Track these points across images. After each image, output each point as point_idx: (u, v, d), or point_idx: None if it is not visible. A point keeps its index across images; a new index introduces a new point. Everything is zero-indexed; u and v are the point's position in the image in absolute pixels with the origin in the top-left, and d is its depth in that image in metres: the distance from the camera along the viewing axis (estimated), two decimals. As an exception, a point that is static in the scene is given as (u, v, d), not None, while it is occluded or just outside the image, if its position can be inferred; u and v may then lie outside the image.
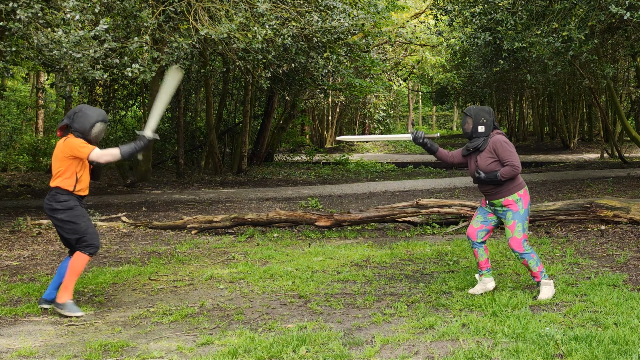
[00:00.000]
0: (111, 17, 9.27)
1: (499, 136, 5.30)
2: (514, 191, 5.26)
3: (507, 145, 5.24)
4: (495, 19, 11.70)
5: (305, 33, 11.68)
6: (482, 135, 5.30)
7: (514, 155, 5.22)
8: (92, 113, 5.23)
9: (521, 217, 5.25)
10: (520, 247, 5.25)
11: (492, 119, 5.32)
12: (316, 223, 8.85)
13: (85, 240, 5.18)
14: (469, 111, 5.35)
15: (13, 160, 21.46)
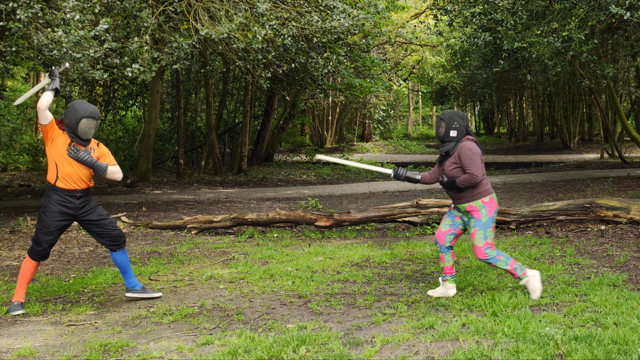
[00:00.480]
0: (111, 17, 9.27)
1: (467, 142, 5.28)
2: (477, 197, 5.23)
3: (470, 152, 5.20)
4: (495, 19, 11.70)
5: (305, 33, 11.69)
6: (454, 140, 5.29)
7: (476, 163, 5.18)
8: (80, 108, 5.21)
9: (483, 224, 5.21)
10: (482, 254, 5.23)
11: (466, 124, 5.32)
12: (316, 223, 8.85)
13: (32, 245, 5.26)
14: (443, 115, 5.37)
15: (13, 160, 21.46)
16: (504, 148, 32.48)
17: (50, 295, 5.79)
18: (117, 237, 5.43)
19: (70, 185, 5.23)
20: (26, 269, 5.28)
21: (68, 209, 5.24)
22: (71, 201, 5.24)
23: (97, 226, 5.38)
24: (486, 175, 5.34)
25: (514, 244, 7.54)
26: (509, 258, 5.27)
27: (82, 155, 5.21)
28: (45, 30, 8.30)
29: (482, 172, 5.21)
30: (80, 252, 7.82)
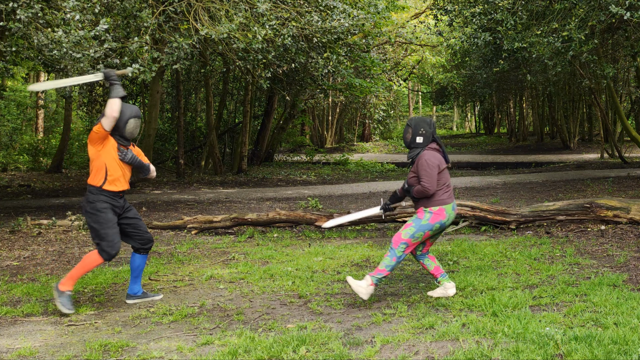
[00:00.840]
0: (111, 17, 9.27)
1: (427, 152, 5.26)
2: (427, 205, 5.24)
3: (426, 164, 5.19)
4: (495, 19, 11.69)
5: (305, 33, 11.68)
6: (420, 147, 5.29)
7: (429, 175, 5.16)
8: (125, 110, 5.21)
9: (420, 225, 5.21)
10: (396, 242, 5.22)
11: (432, 130, 5.31)
12: (316, 223, 8.85)
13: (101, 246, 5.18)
14: (410, 121, 5.38)
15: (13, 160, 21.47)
16: (504, 148, 32.48)
17: (50, 295, 5.79)
18: (148, 240, 5.49)
19: (117, 187, 5.26)
20: (90, 262, 5.21)
21: (115, 208, 5.28)
22: (117, 201, 5.29)
23: (132, 227, 5.40)
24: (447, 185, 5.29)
25: (514, 244, 7.54)
26: (392, 269, 5.23)
27: (131, 156, 5.27)
28: (45, 30, 8.30)
29: (434, 185, 5.17)
30: (80, 252, 7.82)
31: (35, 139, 23.36)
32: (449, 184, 5.35)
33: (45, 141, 23.64)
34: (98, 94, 20.77)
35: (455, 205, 5.39)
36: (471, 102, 42.88)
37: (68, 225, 9.29)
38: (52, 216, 9.99)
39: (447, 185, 5.30)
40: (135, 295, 5.54)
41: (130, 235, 5.43)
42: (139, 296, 5.55)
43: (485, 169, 22.18)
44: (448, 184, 5.33)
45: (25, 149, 22.55)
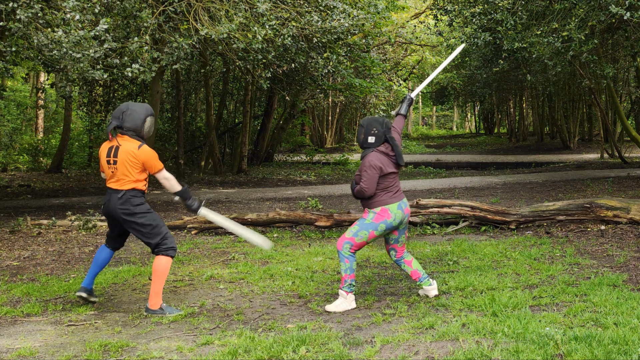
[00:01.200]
0: (111, 17, 9.27)
1: (372, 154, 5.21)
2: (372, 207, 5.23)
3: (367, 165, 5.16)
4: (495, 19, 11.69)
5: (305, 33, 11.68)
6: (372, 147, 5.25)
7: (368, 177, 5.13)
8: (141, 109, 5.18)
9: (363, 224, 5.20)
10: (340, 244, 5.20)
11: (385, 130, 5.25)
12: (316, 223, 8.85)
13: (166, 243, 5.16)
14: (363, 121, 5.34)
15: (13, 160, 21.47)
16: (504, 148, 32.48)
17: (50, 295, 5.79)
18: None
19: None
20: (166, 268, 5.15)
21: None
22: None
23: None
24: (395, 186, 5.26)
25: (514, 244, 7.54)
26: (353, 271, 5.20)
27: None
28: (45, 30, 8.30)
29: (372, 187, 5.14)
30: (80, 252, 7.82)
31: (35, 139, 23.36)
32: (396, 186, 5.28)
33: (45, 141, 23.64)
34: (98, 94, 20.78)
35: (404, 204, 5.30)
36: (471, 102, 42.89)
37: (68, 225, 9.29)
38: (52, 216, 9.99)
39: (392, 187, 5.24)
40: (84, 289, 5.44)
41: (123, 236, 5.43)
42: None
43: (485, 169, 22.18)
44: (395, 186, 5.26)
45: (25, 149, 22.55)
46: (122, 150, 5.11)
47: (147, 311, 5.09)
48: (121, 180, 5.13)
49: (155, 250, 5.16)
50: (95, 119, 22.22)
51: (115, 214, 5.14)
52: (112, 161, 5.14)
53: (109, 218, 5.27)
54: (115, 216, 5.16)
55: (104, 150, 5.20)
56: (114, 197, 5.13)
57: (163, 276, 5.12)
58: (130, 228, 5.18)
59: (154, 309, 5.07)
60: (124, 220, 5.13)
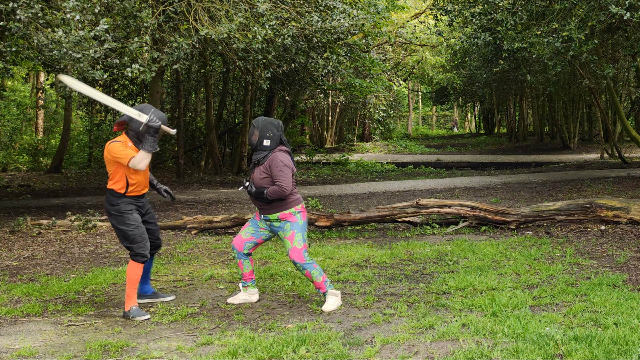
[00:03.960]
0: (111, 17, 9.27)
1: (279, 153, 5.20)
2: (291, 206, 5.20)
3: (281, 164, 5.13)
4: (495, 19, 11.69)
5: (305, 33, 11.68)
6: (266, 150, 5.21)
7: (285, 175, 5.11)
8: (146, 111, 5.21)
9: (300, 227, 5.19)
10: (300, 257, 5.15)
11: (280, 134, 5.24)
12: (316, 223, 8.85)
13: (134, 249, 5.15)
14: (257, 122, 5.26)
15: (13, 160, 21.47)
16: (504, 148, 32.49)
17: (50, 295, 5.79)
18: (157, 246, 5.51)
19: (140, 191, 5.27)
20: (135, 274, 5.14)
21: (139, 209, 5.30)
22: (140, 201, 5.32)
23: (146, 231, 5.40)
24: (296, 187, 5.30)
25: (514, 244, 7.54)
26: (322, 271, 5.21)
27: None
28: (45, 30, 8.30)
29: (290, 185, 5.14)
30: (80, 252, 7.82)
31: (35, 139, 23.36)
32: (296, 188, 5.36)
33: (45, 141, 23.64)
34: (98, 94, 20.74)
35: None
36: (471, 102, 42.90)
37: (68, 225, 9.29)
38: (52, 216, 9.99)
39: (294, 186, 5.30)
40: (145, 295, 5.53)
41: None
42: (148, 295, 5.54)
43: (485, 169, 22.18)
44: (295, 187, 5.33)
45: (25, 149, 22.55)
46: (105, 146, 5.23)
47: (124, 314, 5.12)
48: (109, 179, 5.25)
49: (129, 254, 5.23)
50: (95, 119, 22.23)
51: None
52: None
53: None
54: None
55: None
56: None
57: (132, 281, 5.14)
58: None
59: (126, 311, 5.11)
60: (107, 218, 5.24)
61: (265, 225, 5.34)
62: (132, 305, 5.11)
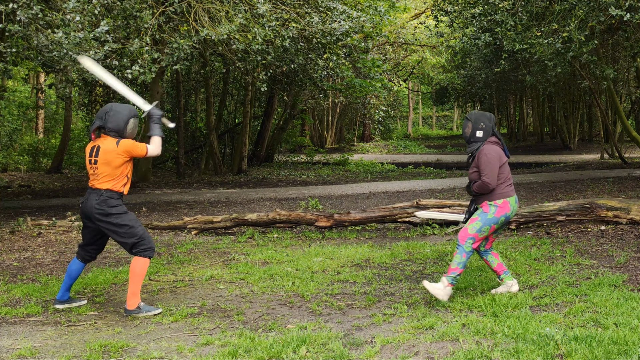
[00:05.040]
0: (111, 17, 9.27)
1: (487, 146, 5.25)
2: (491, 199, 5.23)
3: (486, 158, 5.18)
4: (495, 20, 11.69)
5: (305, 34, 11.67)
6: (480, 141, 5.28)
7: (491, 170, 5.15)
8: (124, 110, 5.18)
9: (486, 219, 5.20)
10: (462, 239, 5.19)
11: (492, 125, 5.30)
12: (316, 223, 8.85)
13: (144, 244, 5.15)
14: (470, 115, 5.36)
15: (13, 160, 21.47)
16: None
17: (51, 295, 5.79)
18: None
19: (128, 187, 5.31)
20: (143, 269, 5.14)
21: None
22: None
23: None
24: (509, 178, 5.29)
25: (514, 244, 7.55)
26: (465, 265, 5.20)
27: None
28: (45, 31, 8.30)
29: (495, 179, 5.17)
30: (81, 253, 7.81)
31: (36, 140, 23.37)
32: (510, 177, 5.34)
33: (45, 142, 23.65)
34: (98, 94, 20.78)
35: (517, 199, 5.38)
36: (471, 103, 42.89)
37: (68, 225, 9.30)
38: (52, 216, 9.99)
39: (508, 179, 5.30)
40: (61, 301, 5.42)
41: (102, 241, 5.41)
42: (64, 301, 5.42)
43: (485, 170, 22.13)
44: (509, 177, 5.32)
45: (25, 149, 22.56)
46: (102, 150, 5.12)
47: (126, 312, 5.10)
48: (101, 180, 5.14)
49: (133, 251, 5.17)
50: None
51: (90, 214, 5.14)
52: (93, 161, 5.15)
53: (84, 218, 5.25)
54: (91, 216, 5.16)
55: (87, 150, 5.25)
56: (92, 197, 5.15)
57: (140, 277, 5.12)
58: (105, 229, 5.17)
59: (131, 309, 5.08)
60: (98, 220, 5.13)
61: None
62: (140, 301, 5.11)
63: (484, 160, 5.19)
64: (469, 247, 5.19)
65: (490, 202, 5.22)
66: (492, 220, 5.22)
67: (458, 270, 5.16)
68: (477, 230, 5.19)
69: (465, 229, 5.21)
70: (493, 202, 5.22)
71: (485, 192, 5.21)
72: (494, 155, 5.21)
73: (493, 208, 5.22)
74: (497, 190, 5.22)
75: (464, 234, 5.19)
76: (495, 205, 5.22)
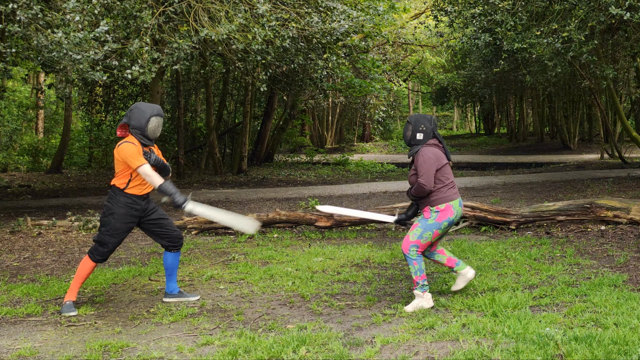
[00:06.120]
0: (111, 17, 9.27)
1: (425, 148, 5.16)
2: (433, 204, 5.15)
3: (422, 158, 5.09)
4: (495, 20, 11.69)
5: (305, 34, 11.67)
6: (420, 143, 5.20)
7: (426, 171, 5.06)
8: (147, 109, 5.22)
9: (427, 225, 5.11)
10: (406, 248, 5.12)
11: (433, 127, 5.22)
12: (316, 223, 8.85)
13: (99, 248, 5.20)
14: (411, 118, 5.29)
15: (13, 160, 21.47)
16: (504, 148, 32.49)
17: (50, 295, 5.79)
18: (177, 238, 5.49)
19: (141, 190, 5.26)
20: (84, 269, 5.21)
21: (136, 211, 5.26)
22: (139, 204, 5.27)
23: (158, 226, 5.40)
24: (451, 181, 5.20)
25: (514, 245, 7.55)
26: (423, 271, 5.13)
27: (155, 157, 5.26)
28: (45, 31, 8.30)
29: (432, 181, 5.07)
30: (81, 253, 7.82)
31: (35, 140, 23.37)
32: (453, 181, 5.24)
33: (45, 142, 23.65)
34: (98, 94, 20.79)
35: (462, 201, 5.30)
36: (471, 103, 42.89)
37: (68, 225, 9.29)
38: (52, 217, 9.99)
39: (450, 182, 5.19)
40: (171, 294, 5.55)
41: (159, 235, 5.44)
42: (174, 295, 5.55)
43: (485, 169, 22.18)
44: (451, 181, 5.21)
45: (25, 149, 22.56)
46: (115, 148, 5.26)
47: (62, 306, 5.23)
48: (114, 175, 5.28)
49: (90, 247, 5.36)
50: (95, 120, 22.23)
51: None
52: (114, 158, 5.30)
53: None
54: None
55: None
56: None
57: (81, 276, 5.22)
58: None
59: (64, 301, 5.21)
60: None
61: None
62: (69, 299, 5.19)
63: (420, 161, 5.10)
64: (414, 254, 5.10)
65: (432, 207, 5.14)
66: (434, 225, 5.12)
67: (420, 277, 5.10)
68: (419, 237, 5.10)
69: (406, 237, 5.14)
70: (435, 207, 5.13)
71: (422, 194, 5.10)
72: (430, 157, 5.11)
73: (434, 214, 5.12)
74: (439, 195, 5.13)
75: (406, 243, 5.12)
76: (437, 210, 5.12)
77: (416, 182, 5.13)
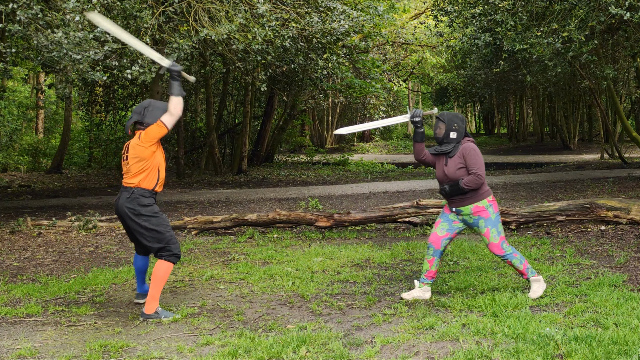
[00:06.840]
0: (111, 17, 9.27)
1: (470, 143, 5.31)
2: (483, 197, 5.24)
3: (474, 153, 5.23)
4: (495, 20, 11.69)
5: (305, 34, 11.68)
6: (453, 142, 5.29)
7: (480, 164, 5.21)
8: (163, 106, 5.15)
9: (493, 222, 5.25)
10: (500, 250, 5.26)
11: (464, 126, 5.33)
12: (316, 223, 8.85)
13: (170, 249, 5.07)
14: (442, 116, 5.34)
15: (13, 160, 21.47)
16: (504, 148, 32.49)
17: (50, 295, 5.79)
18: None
19: (162, 186, 5.22)
20: (166, 273, 5.05)
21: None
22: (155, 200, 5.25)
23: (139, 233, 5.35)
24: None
25: (514, 245, 7.54)
26: (523, 258, 5.31)
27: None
28: (45, 31, 8.30)
29: (484, 172, 5.24)
30: (81, 253, 7.82)
31: (36, 140, 23.37)
32: None
33: (45, 142, 23.65)
34: (98, 95, 20.78)
35: None
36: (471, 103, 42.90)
37: (68, 225, 9.30)
38: (52, 217, 9.99)
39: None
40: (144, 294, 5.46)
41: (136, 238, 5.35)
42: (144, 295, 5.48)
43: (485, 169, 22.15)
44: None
45: (25, 149, 22.56)
46: (132, 145, 5.09)
47: (142, 316, 5.02)
48: (131, 176, 5.08)
49: (158, 254, 5.08)
50: (95, 120, 22.22)
51: (122, 212, 5.06)
52: (125, 157, 5.13)
53: (118, 217, 5.19)
54: (122, 214, 5.07)
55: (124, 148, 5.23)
56: (123, 195, 5.09)
57: (162, 282, 5.04)
58: (134, 229, 5.09)
59: (149, 314, 5.00)
60: (129, 218, 5.03)
61: (457, 218, 5.38)
62: (158, 306, 5.03)
63: (472, 154, 5.21)
64: (509, 248, 5.27)
65: (484, 201, 5.23)
66: (497, 216, 5.29)
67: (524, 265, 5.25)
68: (498, 233, 5.26)
69: (491, 244, 5.27)
70: (486, 200, 5.25)
71: (477, 186, 5.18)
72: (478, 150, 5.30)
73: (490, 208, 5.26)
74: (484, 187, 5.27)
75: (495, 247, 5.25)
76: (490, 203, 5.27)
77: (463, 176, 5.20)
